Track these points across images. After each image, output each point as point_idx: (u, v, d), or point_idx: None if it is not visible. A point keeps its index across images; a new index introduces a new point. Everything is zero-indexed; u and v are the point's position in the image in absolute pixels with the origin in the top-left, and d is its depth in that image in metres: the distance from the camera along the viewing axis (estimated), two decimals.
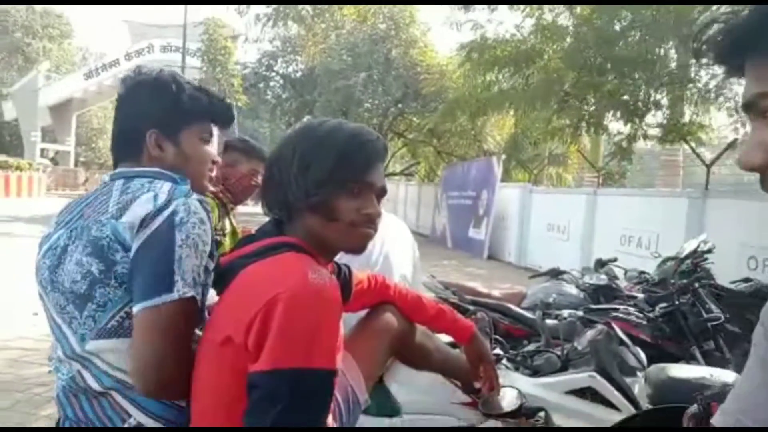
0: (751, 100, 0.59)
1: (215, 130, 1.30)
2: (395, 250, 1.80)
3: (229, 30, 19.94)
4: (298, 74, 19.29)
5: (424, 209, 18.53)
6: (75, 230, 1.10)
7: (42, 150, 29.81)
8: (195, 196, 1.11)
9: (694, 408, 1.35)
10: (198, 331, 1.09)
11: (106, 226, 1.05)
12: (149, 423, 1.05)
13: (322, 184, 1.01)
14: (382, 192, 1.09)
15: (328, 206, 1.02)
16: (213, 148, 1.29)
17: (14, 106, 29.15)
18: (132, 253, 1.03)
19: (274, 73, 19.60)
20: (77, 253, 1.06)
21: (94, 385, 1.07)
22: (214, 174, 1.29)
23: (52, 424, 1.18)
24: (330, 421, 0.99)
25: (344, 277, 1.30)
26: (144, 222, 1.04)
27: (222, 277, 1.03)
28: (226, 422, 0.92)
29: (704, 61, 0.63)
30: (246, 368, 0.89)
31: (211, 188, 2.42)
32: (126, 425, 1.05)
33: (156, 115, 1.18)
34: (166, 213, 1.04)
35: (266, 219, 1.15)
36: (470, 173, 14.31)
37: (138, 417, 1.05)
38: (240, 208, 2.68)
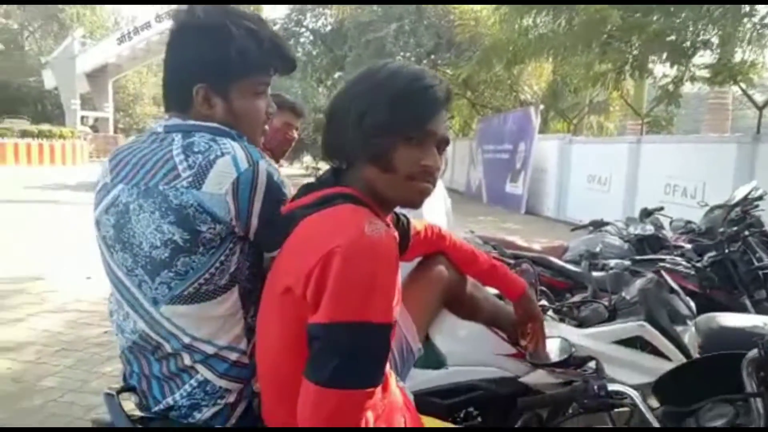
0: None
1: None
2: (430, 201, 1.79)
3: None
4: (328, 28, 18.98)
5: (459, 165, 18.30)
6: (137, 188, 1.07)
7: (82, 117, 30.48)
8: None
9: (754, 353, 1.31)
10: None
11: (186, 196, 1.02)
12: (215, 380, 1.09)
13: (379, 132, 0.96)
14: (443, 142, 1.03)
15: (386, 156, 0.97)
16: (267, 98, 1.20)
17: (53, 74, 29.75)
18: (246, 215, 1.05)
19: (303, 29, 19.33)
20: (155, 219, 1.03)
21: (162, 347, 1.09)
22: (267, 127, 1.24)
23: (111, 382, 1.23)
24: (387, 370, 1.00)
25: (403, 227, 1.29)
26: (239, 187, 1.03)
27: (283, 226, 1.02)
28: (292, 371, 0.94)
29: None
30: (306, 318, 0.90)
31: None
32: (193, 381, 1.09)
33: (203, 69, 1.10)
34: (262, 173, 1.06)
35: (301, 180, 1.13)
36: (506, 125, 13.98)
37: (205, 374, 1.08)
38: None
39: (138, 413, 1.16)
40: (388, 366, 0.97)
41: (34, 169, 19.52)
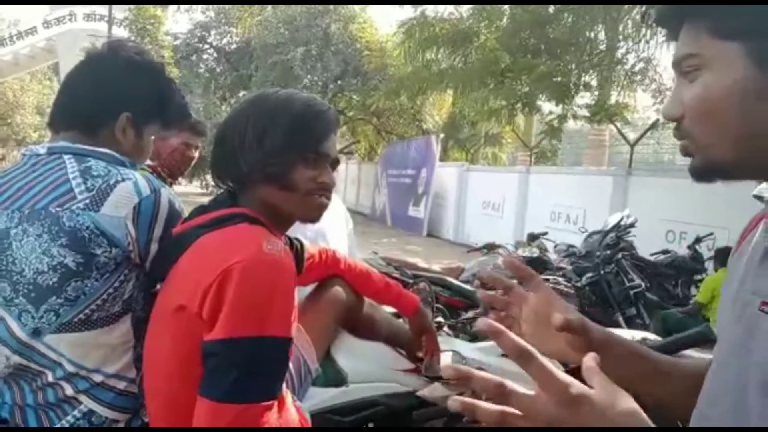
0: (678, 59, 0.66)
1: None
2: (330, 224, 1.83)
3: None
4: (233, 47, 18.67)
5: (365, 188, 18.58)
6: (20, 212, 1.01)
7: None
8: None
9: None
10: None
11: (81, 217, 0.99)
12: (101, 411, 1.04)
13: (278, 153, 1.01)
14: (335, 163, 1.10)
15: (285, 176, 1.02)
16: None
17: None
18: (146, 242, 1.04)
19: (207, 45, 18.88)
20: (42, 242, 0.99)
21: (43, 376, 1.03)
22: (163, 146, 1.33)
23: None
24: (283, 390, 1.02)
25: (296, 251, 1.31)
26: (140, 213, 1.03)
27: (174, 247, 1.02)
28: (182, 389, 0.93)
29: (649, 23, 0.69)
30: (201, 336, 0.90)
31: (149, 162, 2.35)
32: (77, 412, 1.04)
33: (138, 101, 1.14)
34: (164, 202, 1.06)
35: (199, 199, 1.14)
36: (410, 152, 14.46)
37: (89, 404, 1.04)
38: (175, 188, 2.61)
39: None
40: (284, 385, 1.00)
41: None
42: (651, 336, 2.06)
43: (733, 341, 0.65)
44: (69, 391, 1.03)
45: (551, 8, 8.93)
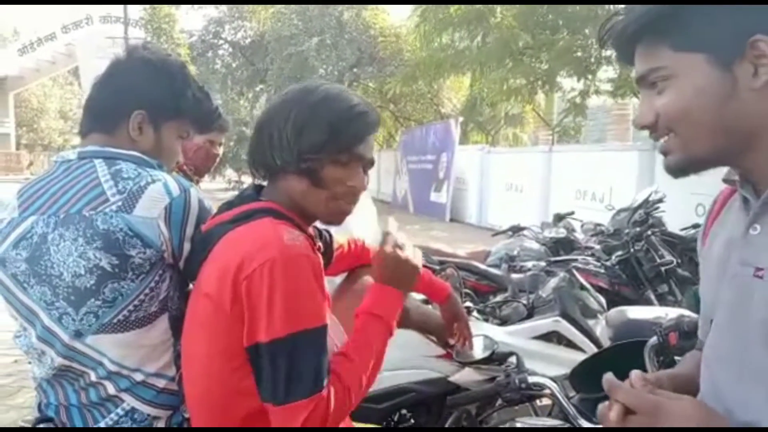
0: (644, 74, 0.76)
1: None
2: (353, 216, 1.83)
3: None
4: (248, 41, 18.72)
5: (385, 175, 18.53)
6: (55, 217, 1.03)
7: None
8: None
9: (654, 340, 1.46)
10: None
11: (115, 219, 1.01)
12: (143, 408, 1.07)
13: (315, 150, 1.00)
14: (369, 164, 1.09)
15: (318, 173, 1.02)
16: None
17: None
18: (179, 241, 1.06)
19: (222, 41, 18.96)
20: (78, 246, 1.01)
21: (86, 376, 1.06)
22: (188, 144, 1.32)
23: (25, 414, 1.17)
24: None
25: (325, 242, 1.31)
26: (171, 213, 1.04)
27: (203, 244, 1.03)
28: (218, 385, 0.96)
29: (607, 48, 0.80)
30: (235, 334, 0.92)
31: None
32: (119, 410, 1.06)
33: (152, 99, 1.14)
34: (194, 201, 1.08)
35: (223, 195, 1.14)
36: (429, 137, 14.36)
37: (132, 403, 1.06)
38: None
39: None
40: None
41: None
42: (686, 312, 2.01)
43: (731, 306, 0.74)
44: (111, 390, 1.06)
45: None
